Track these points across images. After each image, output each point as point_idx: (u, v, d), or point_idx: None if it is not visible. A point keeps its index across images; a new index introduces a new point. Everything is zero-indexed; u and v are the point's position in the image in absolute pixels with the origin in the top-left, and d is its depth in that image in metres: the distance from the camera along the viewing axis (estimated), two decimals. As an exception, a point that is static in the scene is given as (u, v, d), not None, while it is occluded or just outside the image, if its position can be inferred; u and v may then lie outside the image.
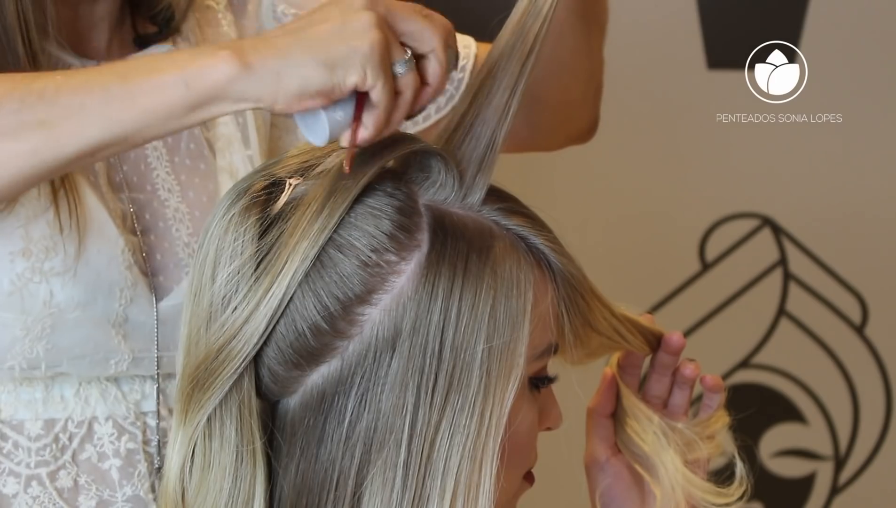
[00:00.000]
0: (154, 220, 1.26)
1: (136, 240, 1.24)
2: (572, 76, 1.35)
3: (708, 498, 1.09)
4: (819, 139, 2.35)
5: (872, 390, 2.47)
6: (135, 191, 1.26)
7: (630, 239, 2.38)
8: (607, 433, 1.12)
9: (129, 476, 1.26)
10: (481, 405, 0.92)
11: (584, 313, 1.00)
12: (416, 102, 0.95)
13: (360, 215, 0.93)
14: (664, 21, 2.34)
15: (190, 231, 1.26)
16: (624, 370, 1.12)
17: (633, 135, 2.35)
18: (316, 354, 0.93)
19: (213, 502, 0.94)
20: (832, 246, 2.43)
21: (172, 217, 1.26)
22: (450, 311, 0.92)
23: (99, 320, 1.20)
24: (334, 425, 0.93)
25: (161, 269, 1.24)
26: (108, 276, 1.20)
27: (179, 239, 1.26)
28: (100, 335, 1.21)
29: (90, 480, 1.24)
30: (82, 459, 1.24)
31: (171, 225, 1.25)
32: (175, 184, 1.27)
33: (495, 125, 0.96)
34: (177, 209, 1.26)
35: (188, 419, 0.94)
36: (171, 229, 1.25)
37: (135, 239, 1.24)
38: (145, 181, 1.26)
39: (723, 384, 1.13)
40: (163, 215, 1.26)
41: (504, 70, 0.96)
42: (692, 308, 2.42)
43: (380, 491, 0.91)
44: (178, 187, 1.27)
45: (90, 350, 1.22)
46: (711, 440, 1.12)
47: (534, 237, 0.96)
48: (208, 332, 0.93)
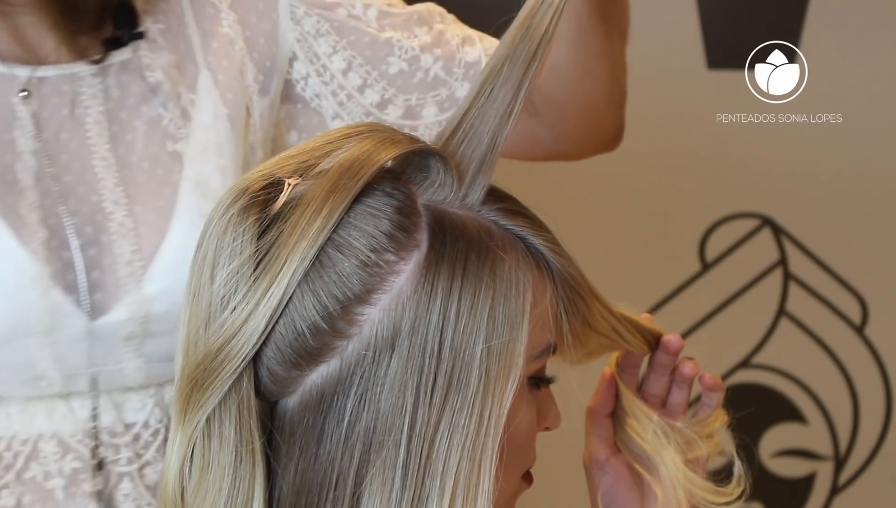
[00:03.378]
0: (96, 233, 1.24)
1: (67, 257, 1.23)
2: (594, 81, 1.34)
3: (708, 497, 1.09)
4: (819, 139, 2.35)
5: (872, 390, 2.47)
6: (78, 202, 1.25)
7: (630, 239, 2.38)
8: (607, 432, 1.12)
9: (73, 495, 1.25)
10: (480, 405, 0.92)
11: (582, 313, 1.00)
12: None
13: (359, 214, 0.93)
14: (664, 21, 2.33)
15: (134, 248, 1.25)
16: (623, 370, 1.12)
17: (633, 135, 2.35)
18: (315, 354, 0.93)
19: (213, 502, 0.94)
20: (832, 246, 2.43)
21: (116, 232, 1.24)
22: (449, 311, 0.92)
23: (20, 346, 1.20)
24: (333, 425, 0.93)
25: (99, 286, 1.24)
26: (20, 304, 1.20)
27: (122, 256, 1.24)
28: (22, 359, 1.21)
29: (34, 500, 1.23)
30: (27, 478, 1.23)
31: (114, 240, 1.24)
32: (123, 197, 1.25)
33: (497, 126, 0.96)
34: (122, 224, 1.25)
35: (187, 420, 0.94)
36: (114, 245, 1.24)
37: (64, 257, 1.22)
38: (91, 192, 1.25)
39: (721, 382, 1.13)
40: (106, 229, 1.24)
41: (508, 71, 0.96)
42: (692, 308, 2.42)
43: (379, 491, 0.91)
44: (126, 201, 1.25)
45: (15, 374, 1.21)
46: (710, 439, 1.12)
47: (533, 238, 0.96)
48: (207, 332, 0.93)
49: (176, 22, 1.32)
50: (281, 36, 1.35)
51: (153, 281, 1.25)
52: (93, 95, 1.27)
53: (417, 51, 1.36)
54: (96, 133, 1.27)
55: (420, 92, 1.37)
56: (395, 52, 1.36)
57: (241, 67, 1.33)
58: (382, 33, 1.36)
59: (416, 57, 1.36)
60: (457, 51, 1.37)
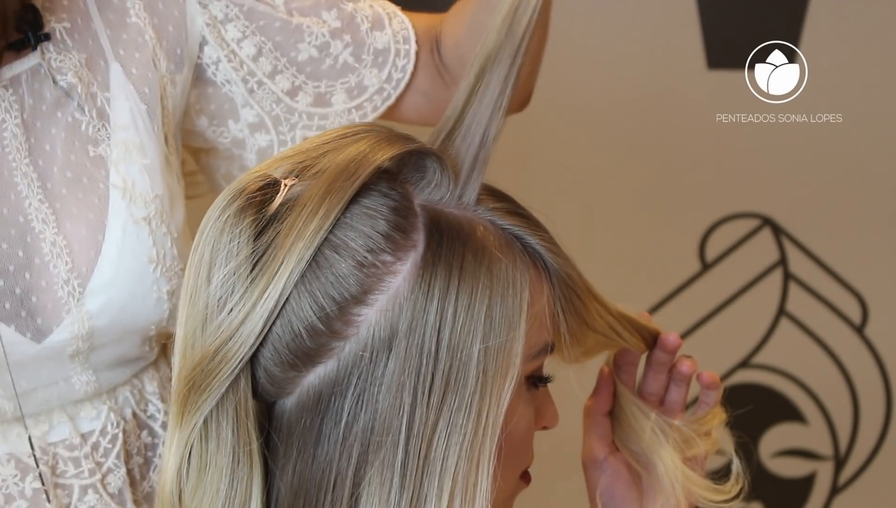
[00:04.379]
0: (29, 256, 1.21)
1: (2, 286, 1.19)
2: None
3: (706, 495, 1.09)
4: (819, 139, 2.35)
5: (872, 390, 2.47)
6: (4, 225, 1.20)
7: (630, 239, 2.38)
8: (605, 431, 1.12)
9: None
10: (478, 405, 0.92)
11: (580, 312, 1.00)
12: None
13: (355, 215, 0.93)
14: (664, 21, 2.33)
15: (69, 267, 1.21)
16: (620, 368, 1.13)
17: (634, 135, 2.35)
18: (312, 355, 0.93)
19: (210, 503, 0.94)
20: (832, 246, 2.43)
21: (49, 252, 1.21)
22: (446, 311, 0.92)
23: None
24: (331, 425, 0.93)
25: (39, 310, 1.21)
26: None
27: (58, 276, 1.21)
28: None
29: None
30: None
31: (49, 261, 1.21)
32: (50, 214, 1.21)
33: (487, 122, 0.96)
34: (53, 243, 1.21)
35: (184, 421, 0.94)
36: (49, 266, 1.21)
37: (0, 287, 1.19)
38: (17, 213, 1.21)
39: (719, 380, 1.13)
40: (38, 250, 1.21)
41: (495, 67, 0.96)
42: (692, 308, 2.42)
43: (377, 492, 0.91)
44: (54, 218, 1.21)
45: None
46: (708, 437, 1.12)
47: (529, 237, 0.96)
48: (204, 334, 0.93)
49: (80, 17, 1.27)
50: (189, 21, 1.31)
51: (93, 297, 1.22)
52: (6, 109, 1.22)
53: (327, 37, 1.34)
54: (14, 148, 1.22)
55: (329, 79, 1.35)
56: (304, 39, 1.34)
57: (153, 58, 1.29)
58: (292, 19, 1.34)
59: (325, 43, 1.34)
60: (366, 37, 1.35)
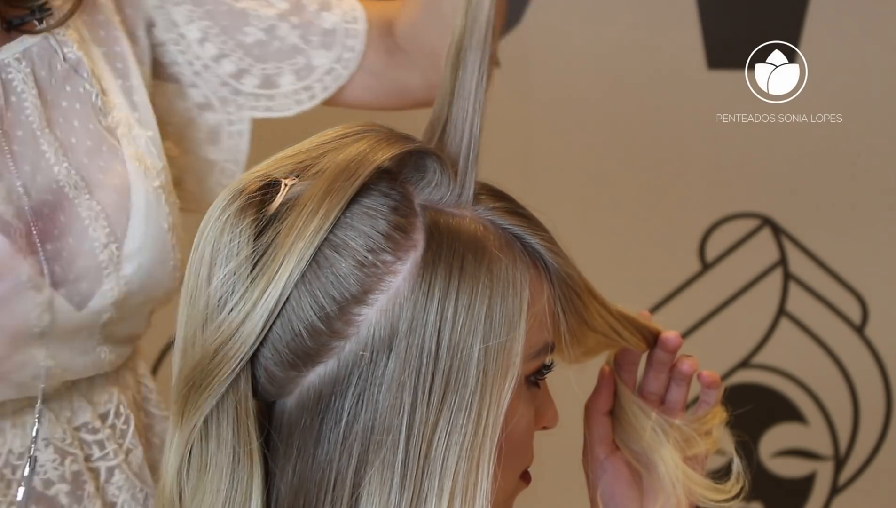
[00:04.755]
0: (70, 221, 1.22)
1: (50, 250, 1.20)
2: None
3: (706, 494, 1.09)
4: (819, 139, 2.35)
5: (872, 390, 2.47)
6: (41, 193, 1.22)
7: (630, 239, 2.38)
8: (605, 430, 1.12)
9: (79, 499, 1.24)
10: (478, 405, 0.92)
11: (580, 311, 1.00)
12: None
13: (355, 215, 0.93)
14: (664, 21, 2.33)
15: (108, 231, 1.23)
16: (621, 367, 1.12)
17: (633, 134, 2.35)
18: (312, 354, 0.93)
19: (210, 503, 0.94)
20: (832, 246, 2.43)
21: (87, 216, 1.22)
22: (446, 311, 0.92)
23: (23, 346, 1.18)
24: (331, 425, 0.93)
25: (83, 275, 1.21)
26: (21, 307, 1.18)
27: (98, 240, 1.22)
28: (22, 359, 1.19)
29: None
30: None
31: (88, 225, 1.22)
32: (80, 180, 1.23)
33: (472, 118, 0.96)
34: (90, 208, 1.22)
35: (185, 421, 0.94)
36: (89, 230, 1.22)
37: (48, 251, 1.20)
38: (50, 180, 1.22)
39: (719, 379, 1.13)
40: (77, 215, 1.22)
41: (468, 58, 0.96)
42: (692, 308, 2.42)
43: (378, 491, 0.91)
44: (84, 184, 1.23)
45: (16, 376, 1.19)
46: (709, 437, 1.12)
47: (529, 237, 0.96)
48: (204, 334, 0.93)
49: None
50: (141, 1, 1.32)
51: (128, 262, 1.23)
52: (23, 80, 1.23)
53: (275, 19, 1.34)
54: (37, 117, 1.23)
55: (277, 61, 1.35)
56: (251, 22, 1.34)
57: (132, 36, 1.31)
58: (238, 3, 1.34)
59: (273, 26, 1.34)
60: (314, 18, 1.35)
